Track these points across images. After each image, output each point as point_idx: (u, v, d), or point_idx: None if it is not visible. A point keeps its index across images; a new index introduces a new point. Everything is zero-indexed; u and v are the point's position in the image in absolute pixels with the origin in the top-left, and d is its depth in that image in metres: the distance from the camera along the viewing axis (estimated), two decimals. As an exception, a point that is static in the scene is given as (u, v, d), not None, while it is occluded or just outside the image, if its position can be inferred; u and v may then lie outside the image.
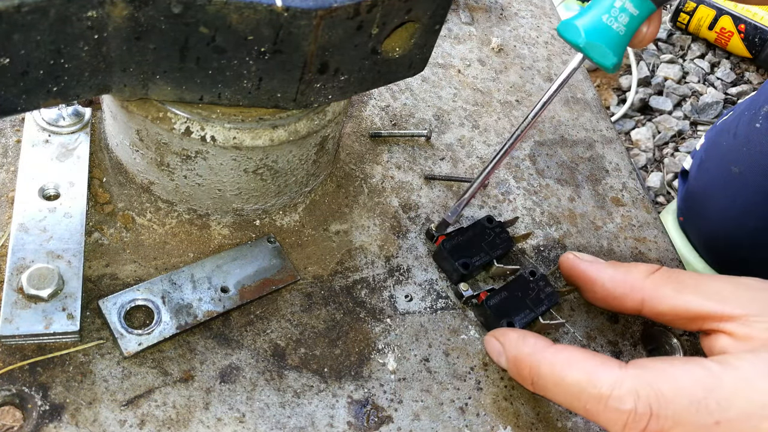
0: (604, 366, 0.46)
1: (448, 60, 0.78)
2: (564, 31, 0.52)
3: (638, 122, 1.86)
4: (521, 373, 0.50)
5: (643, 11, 0.50)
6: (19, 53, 0.38)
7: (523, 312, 0.56)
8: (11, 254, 0.49)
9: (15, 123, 0.59)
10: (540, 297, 0.57)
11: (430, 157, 0.68)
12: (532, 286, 0.58)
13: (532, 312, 0.56)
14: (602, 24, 0.50)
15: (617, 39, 0.50)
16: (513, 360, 0.50)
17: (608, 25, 0.50)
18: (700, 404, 0.43)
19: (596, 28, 0.50)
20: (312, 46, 0.43)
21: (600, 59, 0.50)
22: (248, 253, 0.55)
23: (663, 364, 0.45)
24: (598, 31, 0.50)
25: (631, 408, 0.43)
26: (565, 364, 0.47)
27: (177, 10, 0.40)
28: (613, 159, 0.74)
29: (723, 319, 0.48)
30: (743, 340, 0.46)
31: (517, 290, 0.57)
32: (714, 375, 0.44)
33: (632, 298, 0.53)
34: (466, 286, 0.58)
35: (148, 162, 0.53)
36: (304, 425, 0.49)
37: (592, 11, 0.51)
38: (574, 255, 0.58)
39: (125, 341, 0.48)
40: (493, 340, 0.53)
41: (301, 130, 0.51)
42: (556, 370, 0.47)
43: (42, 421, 0.45)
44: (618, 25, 0.50)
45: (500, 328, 0.54)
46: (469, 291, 0.58)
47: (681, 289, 0.51)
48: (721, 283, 0.50)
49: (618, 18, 0.50)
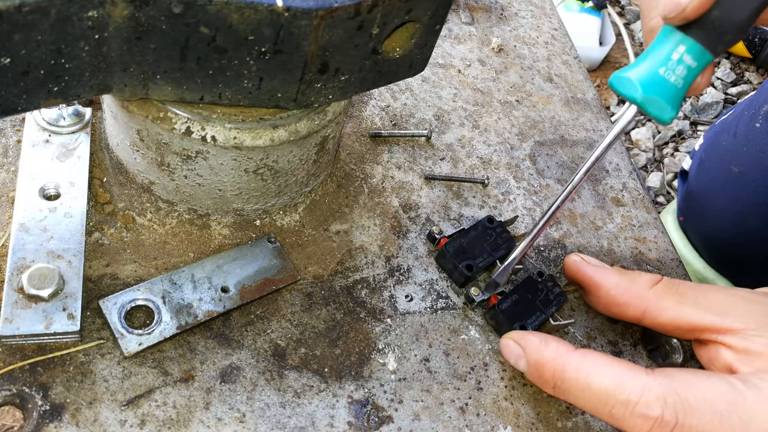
0: (631, 372, 0.46)
1: (448, 60, 0.78)
2: (618, 84, 0.49)
3: (638, 122, 1.86)
4: (543, 377, 0.50)
5: (701, 62, 0.48)
6: (20, 53, 0.38)
7: (534, 314, 0.56)
8: (11, 254, 0.49)
9: (15, 123, 0.59)
10: (549, 298, 0.57)
11: (431, 157, 0.68)
12: (540, 287, 0.58)
13: (542, 314, 0.56)
14: (659, 77, 0.47)
15: (675, 92, 0.48)
16: (534, 364, 0.50)
17: (665, 78, 0.47)
18: (723, 417, 0.43)
19: (653, 81, 0.47)
20: (312, 46, 0.43)
21: (658, 114, 0.48)
22: (248, 253, 0.55)
23: (688, 375, 0.46)
24: (655, 84, 0.47)
25: (659, 415, 0.44)
26: (591, 369, 0.47)
27: (178, 10, 0.40)
28: (613, 159, 0.74)
29: (722, 332, 0.49)
30: (743, 353, 0.48)
31: (526, 292, 0.57)
32: (737, 391, 0.44)
33: (635, 307, 0.54)
34: (477, 291, 0.58)
35: (148, 162, 0.53)
36: (305, 425, 0.49)
37: (646, 63, 0.48)
38: (581, 258, 0.58)
39: (125, 341, 0.48)
40: (512, 343, 0.53)
41: (301, 130, 0.51)
42: (582, 375, 0.47)
43: (42, 421, 0.45)
44: (676, 78, 0.47)
45: (517, 331, 0.54)
46: (481, 295, 0.57)
47: (682, 301, 0.52)
48: (721, 296, 0.51)
49: (675, 71, 0.47)
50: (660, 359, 0.60)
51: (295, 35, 0.42)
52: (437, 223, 0.63)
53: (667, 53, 0.47)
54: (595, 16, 1.95)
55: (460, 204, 0.65)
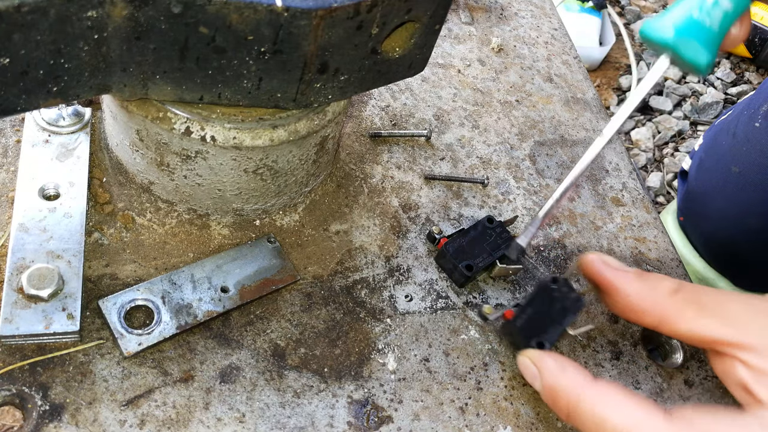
0: (649, 416, 0.45)
1: (448, 60, 0.78)
2: (648, 30, 0.47)
3: (638, 122, 1.86)
4: (557, 404, 0.49)
5: (737, 6, 0.46)
6: (19, 53, 0.38)
7: (551, 327, 0.53)
8: (11, 254, 0.49)
9: (15, 123, 0.59)
10: (565, 306, 0.54)
11: (430, 157, 0.68)
12: (555, 295, 0.54)
13: (560, 325, 0.54)
14: (693, 20, 0.45)
15: (710, 35, 0.45)
16: (549, 389, 0.49)
17: (700, 21, 0.45)
18: None
19: (687, 24, 0.45)
20: (312, 46, 0.43)
21: (692, 57, 0.45)
22: (248, 253, 0.55)
23: (708, 419, 0.45)
24: (690, 27, 0.45)
25: None
26: (607, 405, 0.46)
27: (177, 10, 0.40)
28: (613, 159, 0.74)
29: (739, 347, 0.48)
30: (760, 373, 0.46)
31: (541, 304, 0.54)
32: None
33: (652, 315, 0.51)
34: (490, 309, 0.56)
35: (148, 162, 0.53)
36: (304, 425, 0.49)
37: (678, 7, 0.46)
38: (602, 259, 0.54)
39: (125, 341, 0.48)
40: (529, 363, 0.51)
41: (301, 130, 0.51)
42: (597, 410, 0.46)
43: (42, 421, 0.45)
44: (710, 21, 0.45)
45: (534, 350, 0.52)
46: (495, 313, 0.56)
47: (701, 312, 0.50)
48: (742, 307, 0.49)
49: (710, 13, 0.45)
50: (660, 359, 0.60)
51: (295, 35, 0.42)
52: (437, 223, 0.63)
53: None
54: (595, 16, 1.95)
55: (460, 204, 0.65)
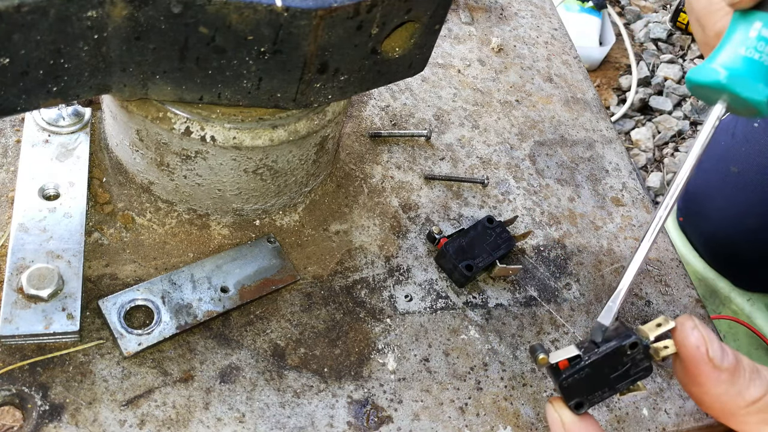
0: None
1: (448, 60, 0.78)
2: (695, 76, 0.45)
3: (638, 122, 1.86)
4: None
5: None
6: (19, 53, 0.38)
7: (600, 390, 0.45)
8: (11, 254, 0.49)
9: (15, 123, 0.59)
10: (629, 373, 0.44)
11: (430, 157, 0.68)
12: (625, 360, 0.44)
13: (613, 391, 0.45)
14: (741, 57, 0.43)
15: (764, 70, 0.43)
16: None
17: (749, 57, 0.43)
18: None
19: (737, 61, 0.43)
20: (312, 46, 0.43)
21: (750, 94, 0.43)
22: (248, 253, 0.55)
23: None
24: (741, 64, 0.43)
25: None
26: None
27: (177, 10, 0.40)
28: (613, 159, 0.74)
29: None
30: None
31: (603, 366, 0.44)
32: None
33: (721, 419, 0.46)
34: (545, 359, 0.44)
35: (148, 162, 0.53)
36: (304, 425, 0.49)
37: (724, 50, 0.44)
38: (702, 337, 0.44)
39: (125, 341, 0.48)
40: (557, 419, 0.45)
41: (300, 130, 0.51)
42: None
43: (42, 421, 0.45)
44: (760, 56, 0.43)
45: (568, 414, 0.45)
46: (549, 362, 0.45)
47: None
48: None
49: (757, 47, 0.43)
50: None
51: (295, 35, 0.42)
52: (437, 223, 0.63)
53: (743, 34, 0.44)
54: (595, 16, 1.95)
55: (460, 204, 0.65)
